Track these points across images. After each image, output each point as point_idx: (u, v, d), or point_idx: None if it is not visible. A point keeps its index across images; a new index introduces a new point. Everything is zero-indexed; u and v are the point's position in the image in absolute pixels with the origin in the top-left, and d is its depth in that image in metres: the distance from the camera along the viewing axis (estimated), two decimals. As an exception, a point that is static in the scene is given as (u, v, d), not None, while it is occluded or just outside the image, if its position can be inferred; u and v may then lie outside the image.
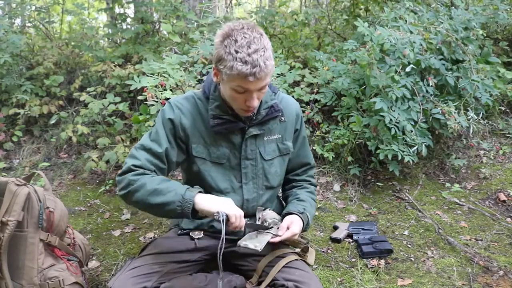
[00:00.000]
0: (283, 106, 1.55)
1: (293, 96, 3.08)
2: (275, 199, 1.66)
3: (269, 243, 1.41)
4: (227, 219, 1.28)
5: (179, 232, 1.56)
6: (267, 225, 1.47)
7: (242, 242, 1.38)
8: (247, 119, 1.47)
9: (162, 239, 1.58)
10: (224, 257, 1.55)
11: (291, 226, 1.46)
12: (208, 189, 1.48)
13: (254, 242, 1.38)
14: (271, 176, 1.55)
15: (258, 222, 1.49)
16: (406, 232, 2.35)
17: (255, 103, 1.34)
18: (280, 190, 1.73)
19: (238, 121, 1.45)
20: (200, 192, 1.35)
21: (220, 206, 1.30)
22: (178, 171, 2.86)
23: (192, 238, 1.52)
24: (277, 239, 1.41)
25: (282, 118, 1.54)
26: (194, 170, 1.49)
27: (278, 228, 1.46)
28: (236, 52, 1.23)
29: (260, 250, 1.36)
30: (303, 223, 1.50)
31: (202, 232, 1.54)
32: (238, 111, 1.40)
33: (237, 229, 1.33)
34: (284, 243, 1.57)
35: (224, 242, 1.26)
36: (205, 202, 1.31)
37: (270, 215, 1.51)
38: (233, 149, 1.49)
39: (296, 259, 1.50)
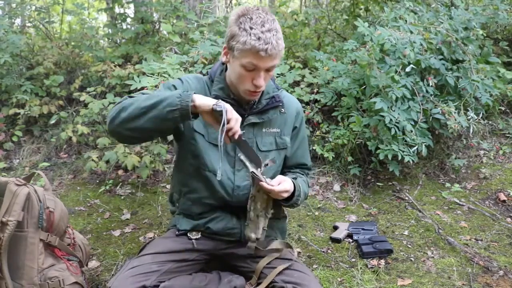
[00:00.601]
0: (285, 101, 1.57)
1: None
2: None
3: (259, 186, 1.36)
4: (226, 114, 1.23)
5: (177, 232, 1.57)
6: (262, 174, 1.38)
7: (241, 156, 1.33)
8: (247, 106, 1.48)
9: (161, 239, 1.58)
10: (223, 258, 1.55)
11: (282, 182, 1.41)
12: (202, 166, 1.48)
13: (250, 163, 1.34)
14: (264, 168, 1.55)
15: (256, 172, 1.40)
16: (406, 232, 2.36)
17: (262, 82, 1.35)
18: None
19: (238, 107, 1.46)
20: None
21: (216, 100, 1.26)
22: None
23: (190, 239, 1.53)
24: (268, 187, 1.35)
25: (282, 109, 1.55)
26: (192, 145, 1.48)
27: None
28: (251, 28, 1.28)
29: (251, 172, 1.32)
30: (294, 187, 1.45)
31: (200, 233, 1.54)
32: (244, 92, 1.41)
33: (232, 133, 1.26)
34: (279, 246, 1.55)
35: (224, 128, 1.21)
36: (203, 97, 1.27)
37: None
38: None
39: (296, 261, 1.49)
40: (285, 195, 1.41)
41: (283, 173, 1.66)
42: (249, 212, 1.42)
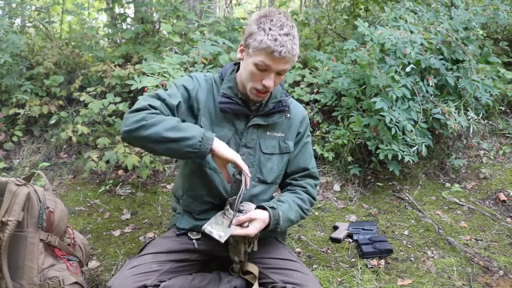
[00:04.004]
0: (291, 107, 1.59)
1: (292, 96, 3.09)
2: (269, 198, 1.62)
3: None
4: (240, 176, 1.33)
5: (177, 232, 1.57)
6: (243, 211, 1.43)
7: (207, 228, 1.36)
8: (254, 108, 1.50)
9: (161, 238, 1.58)
10: (223, 259, 1.55)
11: (251, 223, 1.39)
12: (204, 163, 1.49)
13: (219, 231, 1.35)
14: (265, 170, 1.54)
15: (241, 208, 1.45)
16: (406, 232, 2.36)
17: (271, 84, 1.37)
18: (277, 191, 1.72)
19: (244, 107, 1.48)
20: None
21: (236, 156, 1.33)
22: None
23: (190, 239, 1.53)
24: (236, 232, 1.36)
25: (288, 114, 1.56)
26: None
27: (242, 211, 1.41)
28: (270, 29, 1.31)
29: (222, 242, 1.33)
30: (270, 218, 1.43)
31: (200, 234, 1.54)
32: (251, 91, 1.41)
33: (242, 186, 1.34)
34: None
35: (240, 199, 1.35)
36: (223, 146, 1.33)
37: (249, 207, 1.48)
38: (235, 134, 1.51)
39: (295, 261, 1.50)
40: (253, 234, 1.39)
41: (286, 185, 1.65)
42: (229, 238, 1.44)
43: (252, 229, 1.38)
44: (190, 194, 1.55)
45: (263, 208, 1.45)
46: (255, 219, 1.39)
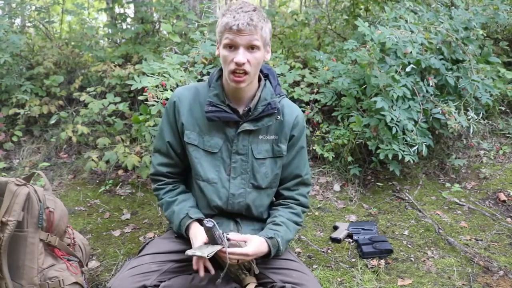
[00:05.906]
0: (284, 109, 1.54)
1: (293, 96, 3.09)
2: (266, 203, 1.58)
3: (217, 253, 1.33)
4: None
5: (175, 234, 1.57)
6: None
7: (190, 251, 1.31)
8: (243, 113, 1.47)
9: (160, 239, 1.58)
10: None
11: (247, 243, 1.36)
12: (196, 176, 1.50)
13: (202, 250, 1.30)
14: (259, 176, 1.51)
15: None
16: (406, 232, 2.36)
17: (242, 59, 1.34)
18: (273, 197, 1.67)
19: (232, 113, 1.46)
20: (192, 220, 1.46)
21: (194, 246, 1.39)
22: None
23: (188, 240, 1.52)
24: (235, 251, 1.33)
25: (278, 116, 1.51)
26: (188, 157, 1.52)
27: (228, 240, 1.35)
28: (228, 11, 1.36)
29: (206, 257, 1.28)
30: (270, 248, 1.41)
31: None
32: (229, 78, 1.38)
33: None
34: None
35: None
36: (193, 237, 1.44)
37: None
38: (226, 141, 1.49)
39: (294, 261, 1.49)
40: (248, 258, 1.37)
41: (279, 196, 1.61)
42: (227, 271, 1.39)
43: (250, 249, 1.35)
44: None
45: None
46: (250, 240, 1.37)
